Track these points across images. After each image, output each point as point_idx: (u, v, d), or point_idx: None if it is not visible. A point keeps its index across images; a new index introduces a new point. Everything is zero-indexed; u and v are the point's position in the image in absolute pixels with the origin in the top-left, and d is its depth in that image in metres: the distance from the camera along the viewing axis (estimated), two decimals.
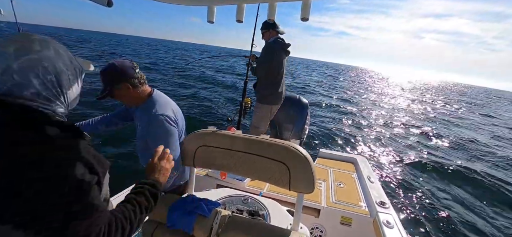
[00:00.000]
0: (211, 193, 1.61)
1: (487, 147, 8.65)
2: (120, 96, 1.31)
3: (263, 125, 2.76)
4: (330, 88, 20.83)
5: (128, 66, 1.28)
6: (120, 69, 1.26)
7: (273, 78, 2.62)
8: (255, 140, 1.25)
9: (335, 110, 11.61)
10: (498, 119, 17.03)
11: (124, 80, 1.26)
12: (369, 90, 23.79)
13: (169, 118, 1.33)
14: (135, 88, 1.31)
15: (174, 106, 1.45)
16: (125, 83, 1.27)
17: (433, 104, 20.72)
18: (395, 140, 8.01)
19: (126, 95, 1.31)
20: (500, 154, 7.87)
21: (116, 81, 1.26)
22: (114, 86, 1.26)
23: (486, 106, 26.19)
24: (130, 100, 1.36)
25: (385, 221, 1.78)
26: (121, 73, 1.26)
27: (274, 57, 2.61)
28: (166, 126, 1.31)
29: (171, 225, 1.12)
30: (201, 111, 8.29)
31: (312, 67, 56.53)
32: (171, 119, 1.34)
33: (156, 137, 1.29)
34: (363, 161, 2.90)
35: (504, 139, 10.41)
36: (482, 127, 12.79)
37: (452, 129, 11.02)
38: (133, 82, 1.29)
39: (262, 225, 1.14)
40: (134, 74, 1.29)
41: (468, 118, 15.52)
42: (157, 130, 1.30)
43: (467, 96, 38.89)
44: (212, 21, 1.99)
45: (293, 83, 19.73)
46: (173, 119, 1.35)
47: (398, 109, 14.76)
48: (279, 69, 2.65)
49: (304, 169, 1.12)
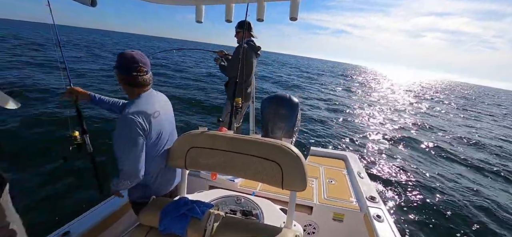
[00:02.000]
0: (204, 194, 1.60)
1: (479, 143, 9.03)
2: (119, 82, 1.37)
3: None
4: (321, 86, 21.11)
5: (129, 65, 1.29)
6: (124, 60, 1.30)
7: (241, 78, 2.69)
8: (247, 140, 1.25)
9: (326, 108, 11.78)
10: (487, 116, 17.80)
11: (122, 71, 1.31)
12: (363, 88, 24.23)
13: (137, 123, 1.23)
14: (128, 84, 1.34)
15: (156, 113, 1.35)
16: (120, 75, 1.32)
17: (425, 101, 21.38)
18: (384, 136, 8.23)
19: (122, 86, 1.36)
20: (496, 152, 8.25)
21: (117, 67, 1.32)
22: (116, 71, 1.33)
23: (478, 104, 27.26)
24: (126, 91, 1.39)
25: (375, 215, 1.82)
26: (121, 65, 1.31)
27: (245, 58, 2.69)
28: (129, 130, 1.23)
29: (164, 229, 1.10)
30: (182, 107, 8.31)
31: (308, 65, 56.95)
32: (139, 126, 1.24)
33: (116, 136, 1.24)
34: (353, 158, 2.96)
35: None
36: (477, 124, 13.35)
37: (441, 126, 11.44)
38: (127, 79, 1.32)
39: (255, 225, 1.14)
40: (132, 72, 1.30)
41: (457, 114, 16.17)
42: (120, 130, 1.25)
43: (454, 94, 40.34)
44: (201, 21, 1.96)
45: (282, 81, 19.88)
46: (141, 126, 1.25)
47: (391, 107, 15.14)
48: (249, 70, 2.82)
49: (296, 167, 1.13)
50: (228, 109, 2.88)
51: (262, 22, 1.86)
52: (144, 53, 1.38)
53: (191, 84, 13.17)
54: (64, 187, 3.49)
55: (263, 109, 2.71)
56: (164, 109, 1.45)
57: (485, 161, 6.93)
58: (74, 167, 3.83)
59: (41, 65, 12.58)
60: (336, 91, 18.99)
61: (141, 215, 1.19)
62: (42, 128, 5.17)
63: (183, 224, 1.09)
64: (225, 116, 2.81)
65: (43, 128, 5.20)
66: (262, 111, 2.71)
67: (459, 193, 4.81)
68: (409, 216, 3.87)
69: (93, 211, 1.71)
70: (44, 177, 3.63)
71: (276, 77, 22.26)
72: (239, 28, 2.87)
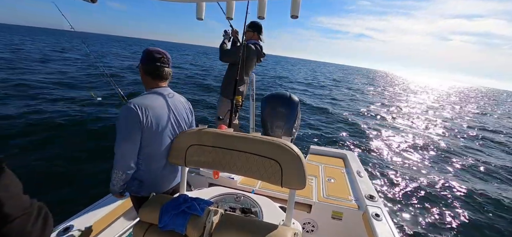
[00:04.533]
0: (203, 192, 1.61)
1: (478, 145, 9.04)
2: (140, 75, 1.45)
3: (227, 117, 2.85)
4: (320, 86, 21.08)
5: (154, 55, 1.39)
6: (146, 53, 1.41)
7: (239, 76, 2.67)
8: (247, 138, 1.25)
9: (324, 108, 11.77)
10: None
11: (144, 63, 1.41)
12: (374, 90, 24.09)
13: (134, 113, 1.24)
14: (147, 75, 1.41)
15: (161, 109, 1.35)
16: (144, 65, 1.41)
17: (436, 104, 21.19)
18: (385, 135, 8.23)
19: (142, 76, 1.45)
20: (497, 150, 8.25)
21: (141, 60, 1.42)
22: (141, 65, 1.43)
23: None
24: (143, 83, 1.46)
25: (374, 214, 1.83)
26: (145, 56, 1.40)
27: (248, 56, 2.71)
28: (125, 119, 1.24)
29: (163, 226, 1.11)
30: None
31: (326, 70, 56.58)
32: (135, 117, 1.24)
33: (117, 121, 1.27)
34: (352, 157, 2.97)
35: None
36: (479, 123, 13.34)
37: (445, 127, 11.44)
38: (147, 68, 1.40)
39: (255, 222, 1.15)
40: (154, 63, 1.38)
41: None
42: (120, 117, 1.27)
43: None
44: (202, 18, 1.95)
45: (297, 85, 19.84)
46: (138, 118, 1.25)
47: (398, 109, 15.11)
48: (247, 70, 2.82)
49: (296, 166, 1.14)
50: (223, 105, 2.88)
51: (263, 20, 1.86)
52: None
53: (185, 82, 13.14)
54: (66, 181, 3.51)
55: (263, 107, 2.71)
56: (175, 109, 1.44)
57: (485, 161, 6.94)
58: (74, 161, 3.85)
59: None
60: (337, 92, 18.97)
61: (141, 212, 1.19)
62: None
63: (183, 221, 1.09)
64: (224, 114, 2.80)
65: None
66: (262, 109, 2.71)
67: (459, 193, 4.83)
68: (408, 216, 3.88)
69: (95, 206, 1.71)
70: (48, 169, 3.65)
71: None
72: (250, 28, 2.84)
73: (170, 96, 1.44)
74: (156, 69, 1.38)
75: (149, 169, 1.37)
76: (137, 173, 1.35)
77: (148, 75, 1.40)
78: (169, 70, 1.44)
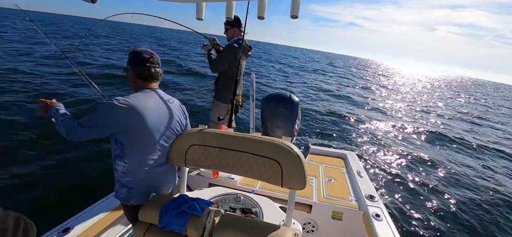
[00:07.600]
0: (204, 192, 1.61)
1: (479, 143, 9.04)
2: (128, 77, 1.42)
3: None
4: (323, 82, 21.04)
5: (143, 56, 1.36)
6: (135, 55, 1.37)
7: (231, 78, 2.60)
8: (247, 138, 1.25)
9: (327, 106, 11.77)
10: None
11: (133, 64, 1.37)
12: (366, 84, 23.95)
13: (113, 110, 1.22)
14: (137, 77, 1.38)
15: (147, 110, 1.28)
16: (134, 67, 1.37)
17: (430, 97, 21.21)
18: (385, 134, 8.23)
19: (130, 78, 1.41)
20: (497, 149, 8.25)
21: (129, 62, 1.38)
22: (127, 66, 1.39)
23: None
24: (132, 85, 1.42)
25: (374, 214, 1.83)
26: (133, 58, 1.37)
27: (235, 58, 2.61)
28: (105, 109, 1.24)
29: (164, 226, 1.11)
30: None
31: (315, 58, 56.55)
32: (113, 113, 1.22)
33: (101, 106, 1.26)
34: (352, 157, 2.97)
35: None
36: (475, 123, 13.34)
37: (442, 122, 11.43)
38: (137, 71, 1.36)
39: (255, 223, 1.15)
40: (143, 65, 1.35)
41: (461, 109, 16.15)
42: (102, 105, 1.27)
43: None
44: (202, 18, 1.95)
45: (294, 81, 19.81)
46: (116, 116, 1.23)
47: (393, 103, 15.11)
48: (240, 69, 2.72)
49: (296, 166, 1.14)
50: (216, 108, 2.81)
51: (263, 20, 1.85)
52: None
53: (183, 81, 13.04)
54: (65, 183, 3.51)
55: (263, 107, 2.71)
56: (165, 111, 1.37)
57: (485, 161, 6.94)
58: (75, 162, 3.85)
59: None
60: (340, 88, 18.94)
61: (141, 212, 1.19)
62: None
63: (183, 221, 1.09)
64: (224, 114, 2.78)
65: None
66: (262, 109, 2.71)
67: (459, 193, 4.82)
68: (408, 216, 3.88)
69: (94, 208, 1.71)
70: (45, 171, 3.64)
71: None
72: (228, 25, 2.71)
73: (160, 99, 1.38)
74: (147, 70, 1.35)
75: (138, 176, 1.29)
76: (124, 179, 1.29)
77: (139, 78, 1.36)
78: (159, 70, 1.42)
